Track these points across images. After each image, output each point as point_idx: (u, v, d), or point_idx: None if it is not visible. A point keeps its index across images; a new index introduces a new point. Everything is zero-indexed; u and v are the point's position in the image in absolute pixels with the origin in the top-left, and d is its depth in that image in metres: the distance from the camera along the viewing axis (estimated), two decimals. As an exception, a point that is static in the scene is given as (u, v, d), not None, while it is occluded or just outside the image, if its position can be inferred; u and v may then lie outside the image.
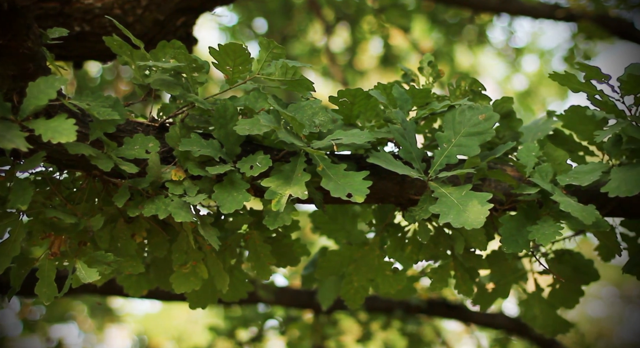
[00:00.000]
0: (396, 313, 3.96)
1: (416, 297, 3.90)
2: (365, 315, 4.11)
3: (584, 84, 1.65)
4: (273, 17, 5.61)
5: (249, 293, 3.67)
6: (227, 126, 1.62)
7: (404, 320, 4.06)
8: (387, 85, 1.78)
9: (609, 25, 4.31)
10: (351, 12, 5.25)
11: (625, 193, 1.53)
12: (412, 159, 1.69)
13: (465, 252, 1.86)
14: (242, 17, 5.78)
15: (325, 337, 4.33)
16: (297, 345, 4.38)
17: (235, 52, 1.61)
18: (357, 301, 1.94)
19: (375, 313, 4.08)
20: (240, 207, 1.56)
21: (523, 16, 4.22)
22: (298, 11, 5.55)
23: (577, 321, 9.55)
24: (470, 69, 6.46)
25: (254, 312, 4.47)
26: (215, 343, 4.76)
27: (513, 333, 4.23)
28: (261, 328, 4.55)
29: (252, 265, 1.80)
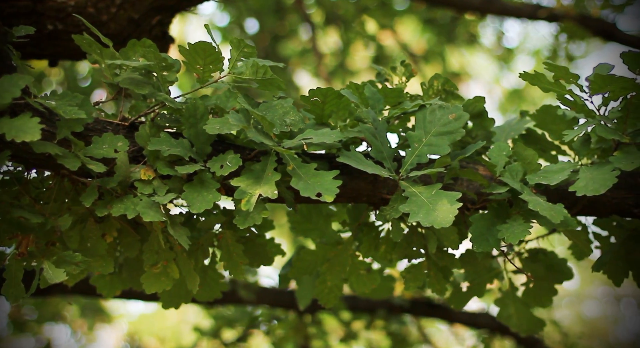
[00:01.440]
0: (379, 313, 3.97)
1: (399, 297, 3.92)
2: (349, 315, 4.11)
3: (553, 83, 1.66)
4: (264, 17, 5.60)
5: (230, 293, 3.70)
6: (198, 125, 1.62)
7: (388, 320, 4.06)
8: (359, 84, 1.78)
9: (591, 26, 4.34)
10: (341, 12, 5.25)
11: (593, 193, 1.54)
12: (383, 158, 1.69)
13: (439, 251, 1.86)
14: (233, 17, 5.76)
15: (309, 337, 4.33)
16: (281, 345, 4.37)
17: (205, 51, 1.60)
18: (331, 300, 1.94)
19: (358, 313, 4.08)
20: (210, 206, 1.55)
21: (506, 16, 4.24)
22: (289, 11, 5.54)
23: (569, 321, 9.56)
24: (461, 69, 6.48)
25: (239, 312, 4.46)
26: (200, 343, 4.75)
27: (497, 332, 4.24)
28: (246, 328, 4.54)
29: (224, 265, 1.79)
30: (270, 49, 5.73)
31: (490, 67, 7.21)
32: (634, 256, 1.77)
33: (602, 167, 1.59)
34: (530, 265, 2.04)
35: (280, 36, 5.77)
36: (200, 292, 1.92)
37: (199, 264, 1.81)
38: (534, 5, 4.21)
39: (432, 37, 5.78)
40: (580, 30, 4.30)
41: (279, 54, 5.79)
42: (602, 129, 1.61)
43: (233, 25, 5.79)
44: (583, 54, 6.32)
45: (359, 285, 1.95)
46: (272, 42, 5.73)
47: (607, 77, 1.55)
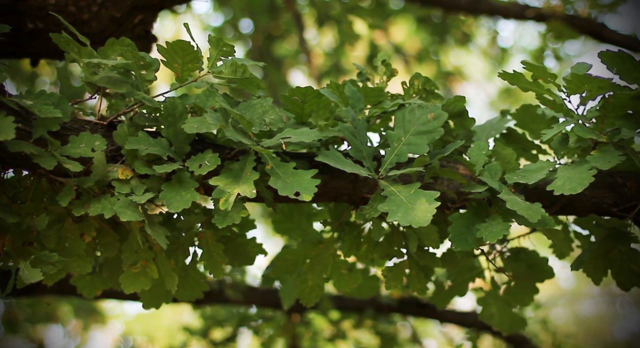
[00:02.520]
0: (367, 312, 3.98)
1: (387, 296, 3.92)
2: (337, 314, 4.12)
3: (532, 83, 1.66)
4: (257, 17, 5.58)
5: (217, 293, 3.69)
6: (176, 124, 1.61)
7: (376, 319, 4.07)
8: (339, 83, 1.78)
9: (578, 25, 4.36)
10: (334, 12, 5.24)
11: (570, 192, 1.55)
12: (362, 157, 1.69)
13: (419, 250, 1.87)
14: (227, 17, 5.74)
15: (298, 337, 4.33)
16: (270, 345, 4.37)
17: (184, 50, 1.60)
18: (312, 299, 1.94)
19: (347, 312, 4.09)
20: (188, 205, 1.55)
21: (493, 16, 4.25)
22: (283, 11, 5.53)
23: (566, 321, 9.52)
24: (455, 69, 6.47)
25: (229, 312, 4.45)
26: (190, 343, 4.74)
27: (484, 331, 4.25)
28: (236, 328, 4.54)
29: (204, 264, 1.79)
30: (264, 49, 5.71)
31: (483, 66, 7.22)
32: (613, 255, 1.78)
33: (579, 166, 1.60)
34: (511, 264, 2.04)
35: (275, 36, 5.75)
36: (181, 291, 1.92)
37: (179, 264, 1.81)
38: (521, 5, 4.23)
39: (426, 36, 5.78)
40: (568, 30, 4.31)
41: (274, 54, 5.78)
42: (579, 128, 1.61)
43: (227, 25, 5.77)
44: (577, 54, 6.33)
45: (341, 285, 1.95)
46: (267, 41, 5.71)
47: (584, 76, 1.55)
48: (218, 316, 4.52)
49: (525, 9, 4.17)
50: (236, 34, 5.80)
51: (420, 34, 5.91)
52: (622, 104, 1.65)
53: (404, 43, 6.26)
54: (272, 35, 5.73)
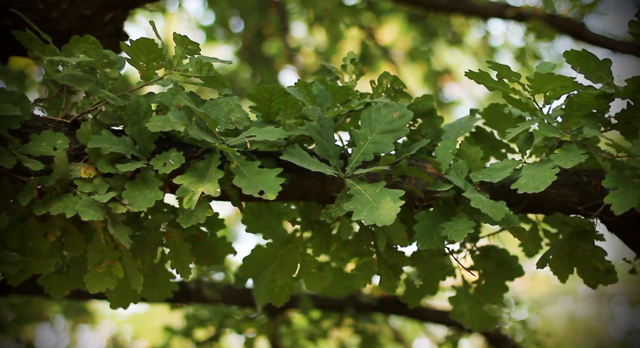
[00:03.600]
0: (348, 311, 3.98)
1: (367, 295, 3.93)
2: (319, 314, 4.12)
3: (497, 82, 1.67)
4: (247, 16, 5.56)
5: (195, 292, 3.68)
6: (141, 123, 1.60)
7: (356, 318, 4.07)
8: (307, 82, 1.77)
9: (559, 25, 4.39)
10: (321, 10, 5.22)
11: (533, 190, 1.55)
12: (329, 156, 1.69)
13: (388, 249, 1.87)
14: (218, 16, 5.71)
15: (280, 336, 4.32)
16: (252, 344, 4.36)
17: (148, 48, 1.59)
18: (281, 299, 1.93)
19: (327, 311, 4.09)
20: (152, 204, 1.54)
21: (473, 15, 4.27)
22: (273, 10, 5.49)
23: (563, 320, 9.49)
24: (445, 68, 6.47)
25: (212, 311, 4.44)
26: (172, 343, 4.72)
27: (465, 330, 4.27)
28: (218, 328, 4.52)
29: (171, 264, 1.78)
30: (255, 48, 5.69)
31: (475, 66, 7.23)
32: (578, 253, 1.79)
33: (543, 165, 1.61)
34: (481, 262, 2.05)
35: (266, 35, 5.73)
36: (150, 291, 1.91)
37: (146, 263, 1.80)
38: (501, 4, 4.24)
39: (417, 36, 5.78)
40: (548, 30, 4.34)
41: (264, 53, 5.75)
42: (543, 127, 1.62)
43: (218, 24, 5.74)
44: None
45: (310, 284, 1.95)
46: (257, 40, 5.67)
47: (546, 75, 1.56)
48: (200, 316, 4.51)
49: (505, 8, 4.19)
50: (226, 33, 5.78)
51: (411, 33, 5.91)
52: (586, 103, 1.66)
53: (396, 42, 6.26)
54: (262, 34, 5.70)
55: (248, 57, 5.67)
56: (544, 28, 4.21)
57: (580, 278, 1.83)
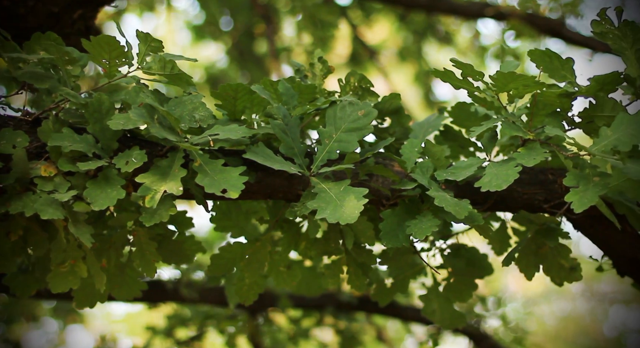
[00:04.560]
0: (328, 310, 3.98)
1: (347, 294, 3.92)
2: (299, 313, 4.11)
3: (462, 80, 1.67)
4: (237, 15, 5.53)
5: (172, 292, 3.66)
6: (103, 121, 1.59)
7: (336, 317, 4.07)
8: (274, 81, 1.77)
9: (538, 24, 4.41)
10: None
11: (495, 188, 1.56)
12: (294, 154, 1.68)
13: (357, 247, 1.87)
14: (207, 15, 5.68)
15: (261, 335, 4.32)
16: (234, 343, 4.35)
17: (110, 45, 1.58)
18: (250, 297, 1.93)
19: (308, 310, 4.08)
20: (113, 203, 1.53)
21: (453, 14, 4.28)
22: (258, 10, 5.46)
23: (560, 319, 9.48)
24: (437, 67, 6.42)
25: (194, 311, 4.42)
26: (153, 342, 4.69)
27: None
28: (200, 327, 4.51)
29: (136, 263, 1.77)
30: (245, 47, 5.67)
31: None
32: (544, 250, 1.80)
33: (506, 163, 1.62)
34: (451, 261, 2.06)
35: (257, 34, 5.70)
36: (118, 290, 1.90)
37: (111, 262, 1.79)
38: (481, 3, 4.26)
39: (408, 35, 5.77)
40: (527, 29, 4.36)
41: (255, 52, 5.73)
42: (506, 125, 1.63)
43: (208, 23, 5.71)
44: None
45: (280, 282, 1.94)
46: (248, 40, 5.64)
47: (509, 74, 1.57)
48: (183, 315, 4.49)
49: (484, 7, 4.21)
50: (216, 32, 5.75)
51: (402, 33, 5.91)
52: (550, 102, 1.67)
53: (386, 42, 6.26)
54: (252, 33, 5.68)
55: (237, 56, 5.64)
56: (523, 27, 4.23)
57: None
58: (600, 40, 1.66)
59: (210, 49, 6.37)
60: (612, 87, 1.63)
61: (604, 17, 1.62)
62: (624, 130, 1.51)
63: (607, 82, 1.61)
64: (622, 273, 1.91)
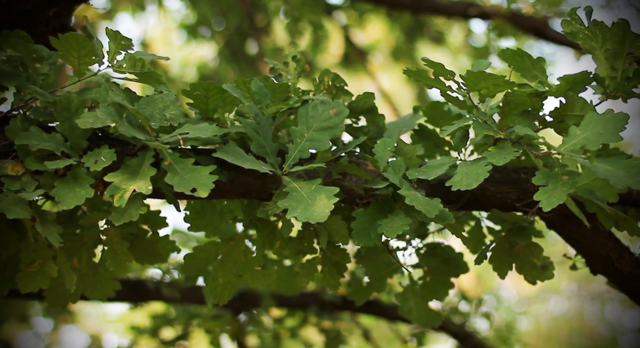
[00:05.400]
0: (311, 309, 3.97)
1: (331, 293, 3.92)
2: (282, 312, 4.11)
3: (434, 80, 1.67)
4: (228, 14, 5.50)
5: (153, 291, 3.65)
6: (72, 119, 1.58)
7: (320, 316, 4.07)
8: (246, 79, 1.76)
9: (522, 24, 4.43)
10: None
11: (466, 187, 1.56)
12: (266, 153, 1.68)
13: (331, 247, 1.87)
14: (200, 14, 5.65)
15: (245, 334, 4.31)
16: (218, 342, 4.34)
17: (78, 43, 1.56)
18: (224, 297, 1.92)
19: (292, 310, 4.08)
20: (81, 202, 1.51)
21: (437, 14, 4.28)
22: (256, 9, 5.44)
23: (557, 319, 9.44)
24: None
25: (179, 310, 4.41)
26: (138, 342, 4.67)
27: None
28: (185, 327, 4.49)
29: (108, 262, 1.76)
30: (237, 47, 5.65)
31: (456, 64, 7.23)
32: (517, 249, 1.81)
33: (477, 162, 1.62)
34: (427, 260, 2.06)
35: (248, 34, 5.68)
36: (92, 290, 1.88)
37: (83, 262, 1.77)
38: (465, 3, 4.27)
39: (401, 35, 5.78)
40: (511, 29, 4.38)
41: (247, 52, 5.71)
42: (477, 125, 1.63)
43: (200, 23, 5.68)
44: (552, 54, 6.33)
45: (254, 281, 1.94)
46: (241, 39, 5.62)
47: (479, 74, 1.57)
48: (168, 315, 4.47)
49: (468, 7, 4.22)
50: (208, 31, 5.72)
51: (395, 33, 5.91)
52: (521, 101, 1.68)
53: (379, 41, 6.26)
54: (245, 33, 5.66)
55: (229, 56, 5.62)
56: (506, 26, 4.24)
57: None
58: (571, 40, 1.67)
59: (204, 48, 6.36)
60: (582, 87, 1.64)
61: (574, 17, 1.63)
62: (592, 130, 1.51)
63: (577, 81, 1.62)
64: (595, 272, 1.92)
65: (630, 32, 1.55)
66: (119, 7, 5.92)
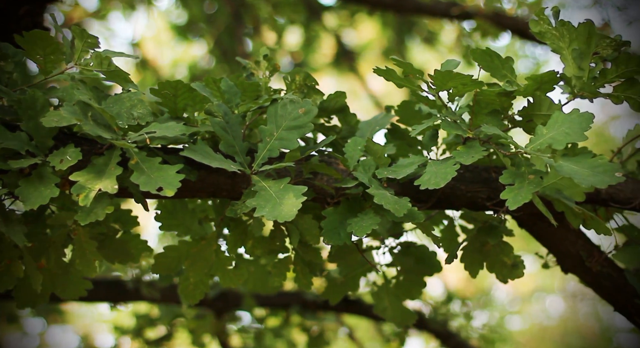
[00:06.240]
0: (294, 309, 3.97)
1: (313, 293, 3.92)
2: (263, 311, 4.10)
3: (404, 79, 1.68)
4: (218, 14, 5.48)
5: (132, 292, 3.63)
6: (37, 118, 1.56)
7: (303, 316, 4.06)
8: (216, 78, 1.76)
9: (504, 24, 4.44)
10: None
11: (434, 186, 1.56)
12: (235, 152, 1.67)
13: (303, 246, 1.87)
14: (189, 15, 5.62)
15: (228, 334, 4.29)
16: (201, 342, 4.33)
17: (43, 41, 1.55)
18: (196, 297, 1.91)
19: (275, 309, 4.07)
20: (46, 202, 1.50)
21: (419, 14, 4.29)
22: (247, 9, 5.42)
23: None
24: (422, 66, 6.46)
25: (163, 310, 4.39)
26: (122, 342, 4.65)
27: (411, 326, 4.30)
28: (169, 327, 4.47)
29: (77, 262, 1.74)
30: (228, 47, 5.62)
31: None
32: (487, 248, 1.81)
33: (446, 161, 1.62)
34: (400, 259, 2.06)
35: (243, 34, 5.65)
36: (62, 290, 1.87)
37: (51, 262, 1.76)
38: (447, 3, 4.28)
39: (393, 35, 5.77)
40: (493, 28, 4.39)
41: (239, 53, 5.67)
42: (446, 124, 1.63)
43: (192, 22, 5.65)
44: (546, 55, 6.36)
45: (226, 281, 1.93)
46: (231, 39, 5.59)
47: (447, 73, 1.57)
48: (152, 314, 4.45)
49: (450, 6, 4.23)
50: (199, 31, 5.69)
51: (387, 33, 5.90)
52: (490, 101, 1.68)
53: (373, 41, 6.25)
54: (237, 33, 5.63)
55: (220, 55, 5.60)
56: (488, 26, 4.26)
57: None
58: (539, 39, 1.68)
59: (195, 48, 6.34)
60: (550, 86, 1.64)
61: (542, 17, 1.64)
62: (559, 129, 1.52)
63: (544, 81, 1.63)
64: (566, 270, 1.93)
65: (595, 33, 1.56)
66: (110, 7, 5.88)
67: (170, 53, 6.67)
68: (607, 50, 1.56)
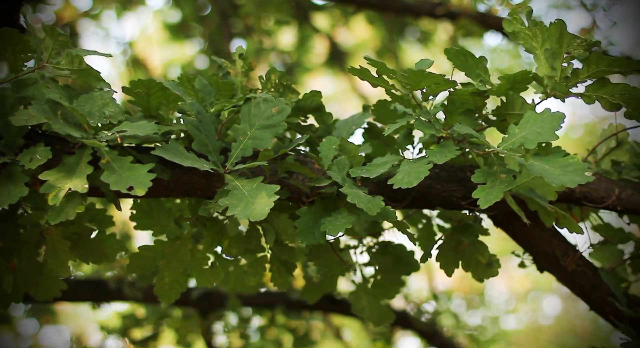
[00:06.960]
0: (279, 309, 3.96)
1: (297, 292, 3.91)
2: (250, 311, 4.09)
3: (378, 78, 1.67)
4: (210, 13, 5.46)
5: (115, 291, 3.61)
6: (6, 117, 1.55)
7: (288, 315, 4.06)
8: (190, 77, 1.75)
9: (490, 24, 4.45)
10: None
11: (407, 185, 1.56)
12: (208, 151, 1.67)
13: (279, 245, 1.86)
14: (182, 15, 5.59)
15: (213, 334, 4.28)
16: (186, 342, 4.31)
17: (12, 38, 1.53)
18: (171, 296, 1.90)
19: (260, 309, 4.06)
20: (14, 201, 1.49)
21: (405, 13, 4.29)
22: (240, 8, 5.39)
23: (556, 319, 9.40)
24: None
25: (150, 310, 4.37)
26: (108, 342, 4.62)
27: (397, 326, 4.31)
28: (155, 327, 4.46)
29: (49, 262, 1.73)
30: (221, 47, 5.60)
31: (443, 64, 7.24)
32: (463, 247, 1.82)
33: (419, 160, 1.62)
34: (378, 258, 2.06)
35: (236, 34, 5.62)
36: (36, 290, 1.85)
37: (23, 262, 1.74)
38: (432, 2, 4.28)
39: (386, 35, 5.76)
40: (478, 28, 4.40)
41: (228, 53, 5.65)
42: (419, 123, 1.63)
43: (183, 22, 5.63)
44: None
45: (202, 280, 1.92)
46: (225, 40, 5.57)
47: (419, 72, 1.57)
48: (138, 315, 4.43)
49: (435, 6, 4.23)
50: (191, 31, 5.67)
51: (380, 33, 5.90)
52: (464, 100, 1.68)
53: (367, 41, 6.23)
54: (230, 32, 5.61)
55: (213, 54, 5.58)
56: (473, 26, 4.26)
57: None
58: (512, 39, 1.68)
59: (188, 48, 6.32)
60: (523, 86, 1.65)
61: (515, 17, 1.64)
62: (530, 128, 1.52)
63: (517, 80, 1.63)
64: (542, 269, 1.94)
65: (566, 33, 1.56)
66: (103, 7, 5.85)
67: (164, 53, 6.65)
68: (579, 50, 1.56)
